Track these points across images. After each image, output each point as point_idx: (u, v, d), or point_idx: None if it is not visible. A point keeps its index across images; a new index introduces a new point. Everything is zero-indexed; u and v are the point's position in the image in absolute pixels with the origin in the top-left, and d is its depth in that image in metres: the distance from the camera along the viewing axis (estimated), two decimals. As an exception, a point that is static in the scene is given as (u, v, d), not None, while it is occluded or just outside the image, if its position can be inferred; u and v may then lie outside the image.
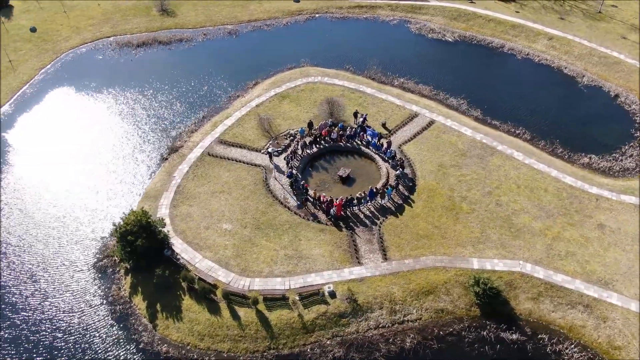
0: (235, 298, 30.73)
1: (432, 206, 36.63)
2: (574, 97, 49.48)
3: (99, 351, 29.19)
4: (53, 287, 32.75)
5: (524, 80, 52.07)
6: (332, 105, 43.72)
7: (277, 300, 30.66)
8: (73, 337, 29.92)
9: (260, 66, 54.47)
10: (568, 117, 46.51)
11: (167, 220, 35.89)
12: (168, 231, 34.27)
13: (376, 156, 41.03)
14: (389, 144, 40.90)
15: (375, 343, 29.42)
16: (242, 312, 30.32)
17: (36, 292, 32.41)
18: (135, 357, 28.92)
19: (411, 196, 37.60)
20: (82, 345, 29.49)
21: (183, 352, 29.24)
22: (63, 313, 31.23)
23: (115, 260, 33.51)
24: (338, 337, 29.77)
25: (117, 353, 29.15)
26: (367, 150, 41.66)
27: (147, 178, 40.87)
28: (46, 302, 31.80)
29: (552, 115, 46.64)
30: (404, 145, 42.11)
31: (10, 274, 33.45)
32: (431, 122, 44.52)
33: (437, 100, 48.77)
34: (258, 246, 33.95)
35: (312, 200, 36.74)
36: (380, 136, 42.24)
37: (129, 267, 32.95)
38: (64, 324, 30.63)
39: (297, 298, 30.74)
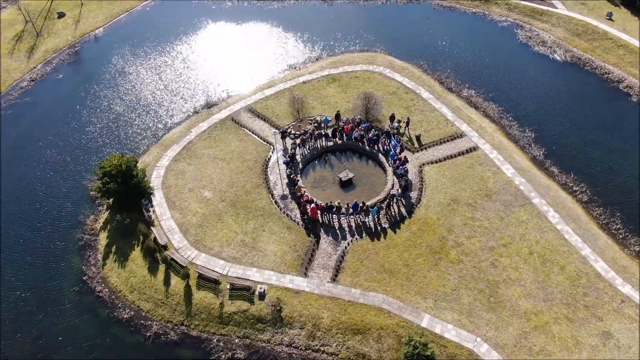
0: (175, 265, 31.30)
1: (416, 242, 32.49)
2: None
3: (49, 267, 32.34)
4: (49, 201, 36.70)
5: (630, 129, 41.59)
6: (368, 101, 40.31)
7: (208, 282, 30.52)
8: (38, 245, 33.61)
9: (333, 41, 52.41)
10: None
11: (161, 172, 37.40)
12: (154, 186, 35.76)
13: (389, 168, 37.31)
14: (404, 160, 36.73)
15: (279, 360, 27.93)
16: (174, 280, 30.86)
17: (33, 199, 36.74)
18: (73, 287, 31.40)
19: (401, 223, 33.72)
20: (39, 257, 33.02)
21: (112, 297, 31.00)
22: (40, 223, 35.06)
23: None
24: (247, 339, 28.83)
25: (61, 275, 32.00)
26: (382, 159, 38.04)
27: (174, 126, 42.69)
28: (38, 212, 35.85)
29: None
30: (427, 166, 37.49)
31: (18, 183, 38.27)
32: (473, 149, 38.76)
33: (498, 124, 42.16)
34: (223, 223, 33.78)
35: (294, 194, 35.07)
36: (402, 148, 38.11)
37: (110, 203, 35.31)
38: (34, 232, 34.48)
39: (228, 287, 30.22)
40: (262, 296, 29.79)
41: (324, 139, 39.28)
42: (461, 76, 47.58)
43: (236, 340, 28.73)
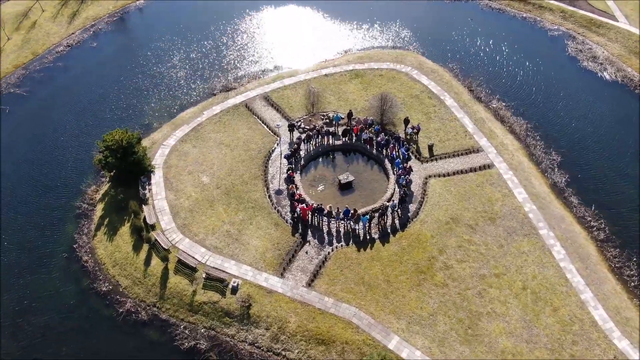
0: (157, 246, 31.64)
1: (403, 258, 30.99)
2: None
3: (46, 231, 33.66)
4: (57, 166, 38.08)
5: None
6: (384, 102, 38.59)
7: (186, 267, 30.64)
8: (40, 208, 35.07)
9: (366, 35, 50.87)
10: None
11: (166, 151, 37.77)
12: (156, 164, 36.21)
13: (392, 176, 35.70)
14: (408, 169, 34.99)
15: (238, 357, 27.64)
16: (154, 261, 31.22)
17: (43, 162, 38.21)
18: (63, 253, 32.48)
19: (392, 236, 32.26)
20: (40, 219, 34.37)
21: (96, 268, 31.84)
22: (45, 186, 36.49)
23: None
24: (213, 331, 28.75)
25: (55, 240, 33.19)
26: (388, 165, 36.45)
27: (189, 106, 42.93)
28: (45, 175, 37.30)
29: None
30: (433, 179, 35.56)
31: (34, 145, 39.90)
32: (487, 166, 36.32)
33: (522, 143, 39.30)
34: (213, 210, 33.70)
35: (288, 191, 34.36)
36: (409, 157, 36.29)
37: (111, 176, 36.12)
38: (39, 195, 35.93)
39: (204, 276, 30.21)
40: (234, 290, 29.56)
41: (331, 136, 38.08)
42: (494, 85, 44.72)
43: (202, 330, 28.74)
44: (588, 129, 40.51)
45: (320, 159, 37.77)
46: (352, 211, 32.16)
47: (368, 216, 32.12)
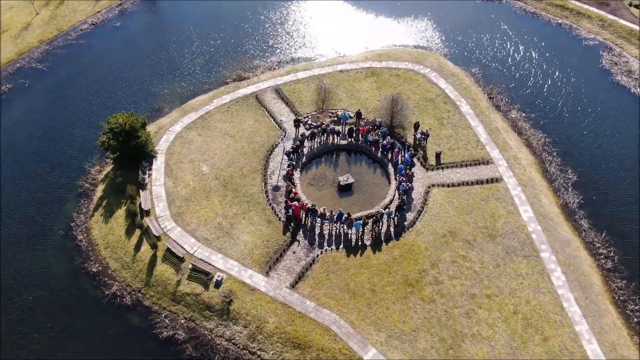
0: (149, 233, 31.84)
1: (392, 268, 30.07)
2: None
3: (47, 206, 34.41)
4: (65, 143, 38.87)
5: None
6: (394, 104, 37.37)
7: (174, 257, 30.72)
8: (45, 182, 35.94)
9: (388, 31, 49.37)
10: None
11: (170, 137, 37.87)
12: (159, 150, 36.39)
13: (394, 182, 34.65)
14: (410, 177, 33.85)
15: (214, 352, 27.56)
16: (144, 247, 31.43)
17: (52, 137, 39.15)
18: (60, 230, 33.14)
19: (384, 244, 31.36)
20: (43, 193, 35.21)
21: (89, 249, 32.35)
22: (51, 162, 37.33)
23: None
24: (192, 322, 28.77)
25: (54, 216, 33.86)
26: (391, 170, 35.39)
27: (200, 93, 42.87)
28: (52, 150, 38.09)
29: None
30: (436, 188, 34.29)
31: (47, 121, 40.73)
32: (495, 180, 34.75)
33: (537, 158, 37.36)
34: (208, 201, 33.61)
35: (286, 188, 33.86)
36: (412, 164, 35.06)
37: (114, 158, 36.50)
38: (45, 169, 36.85)
39: (190, 266, 30.22)
40: (218, 284, 29.45)
41: (336, 135, 37.24)
42: (517, 94, 42.71)
43: (182, 321, 28.80)
44: (612, 150, 38.11)
45: (323, 158, 37.00)
46: (345, 215, 31.38)
47: (361, 221, 31.25)
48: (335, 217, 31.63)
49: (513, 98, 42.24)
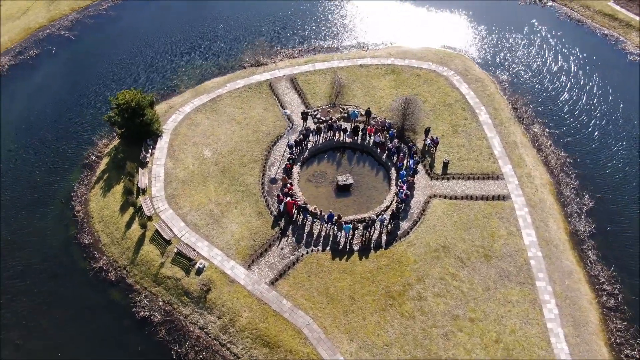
0: (141, 211, 32.15)
1: (376, 277, 29.14)
2: None
3: (52, 174, 35.42)
4: (76, 113, 39.74)
5: None
6: (407, 107, 35.86)
7: (161, 238, 30.93)
8: (54, 149, 36.89)
9: (416, 28, 47.46)
10: None
11: (179, 118, 37.95)
12: (165, 129, 36.57)
13: (394, 187, 33.45)
14: (410, 184, 32.53)
15: (186, 338, 27.68)
16: (135, 225, 31.79)
17: (65, 106, 40.17)
18: (61, 198, 34.00)
19: (373, 251, 30.42)
20: (50, 161, 36.23)
21: (85, 220, 33.06)
22: (61, 130, 38.32)
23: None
24: (170, 306, 28.99)
25: (58, 185, 34.78)
26: (393, 175, 34.16)
27: (215, 75, 42.63)
28: (64, 119, 39.02)
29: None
30: (437, 199, 32.85)
31: (63, 88, 41.58)
32: (502, 197, 32.92)
33: (554, 178, 35.05)
34: (204, 186, 33.55)
35: (281, 182, 33.32)
36: (416, 171, 33.65)
37: (121, 133, 36.95)
38: (55, 137, 37.84)
39: (175, 250, 30.37)
40: (199, 271, 29.47)
41: (342, 133, 36.21)
42: (544, 107, 40.21)
43: (160, 303, 29.06)
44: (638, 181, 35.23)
45: (326, 155, 36.11)
46: (336, 217, 30.57)
47: (351, 225, 30.35)
48: (325, 217, 30.85)
49: (539, 111, 39.73)
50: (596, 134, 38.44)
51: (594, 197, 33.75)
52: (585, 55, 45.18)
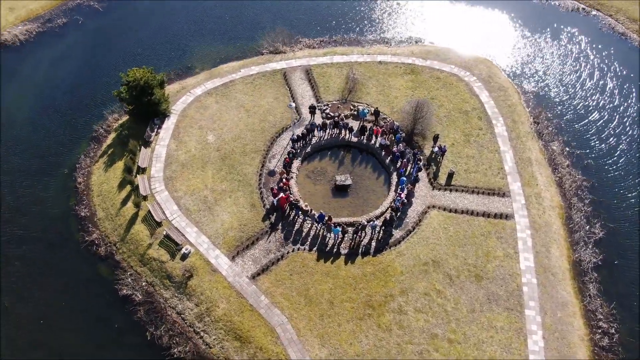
0: (138, 190, 32.50)
1: (359, 285, 28.47)
2: None
3: (60, 144, 36.32)
4: (90, 86, 40.42)
5: None
6: (418, 110, 34.51)
7: (152, 219, 31.22)
8: (64, 119, 37.72)
9: (451, 30, 45.57)
10: None
11: (189, 100, 37.97)
12: (174, 110, 36.71)
13: (393, 193, 32.44)
14: (408, 193, 31.43)
15: (162, 321, 27.99)
16: (129, 204, 32.20)
17: (79, 78, 40.92)
18: (66, 169, 34.80)
19: (360, 257, 29.71)
20: (60, 131, 37.11)
21: (84, 192, 33.76)
22: (74, 102, 39.07)
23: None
24: (152, 287, 29.36)
25: (64, 155, 35.68)
26: (394, 180, 33.12)
27: (231, 59, 42.30)
28: (78, 90, 39.77)
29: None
30: (435, 210, 31.65)
31: (80, 61, 42.26)
32: (505, 216, 31.39)
33: (565, 202, 33.06)
34: (202, 172, 33.56)
35: (278, 176, 32.90)
36: (416, 179, 32.46)
37: (131, 109, 37.29)
38: (68, 108, 38.72)
39: (164, 233, 30.61)
40: (184, 257, 29.64)
41: (348, 131, 35.30)
42: (569, 125, 37.83)
43: (143, 284, 29.46)
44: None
45: (329, 152, 35.34)
46: (326, 217, 29.95)
47: (340, 229, 29.68)
48: (316, 216, 30.29)
49: (562, 128, 37.43)
50: (622, 160, 35.87)
51: (606, 227, 31.68)
52: (625, 72, 42.13)
